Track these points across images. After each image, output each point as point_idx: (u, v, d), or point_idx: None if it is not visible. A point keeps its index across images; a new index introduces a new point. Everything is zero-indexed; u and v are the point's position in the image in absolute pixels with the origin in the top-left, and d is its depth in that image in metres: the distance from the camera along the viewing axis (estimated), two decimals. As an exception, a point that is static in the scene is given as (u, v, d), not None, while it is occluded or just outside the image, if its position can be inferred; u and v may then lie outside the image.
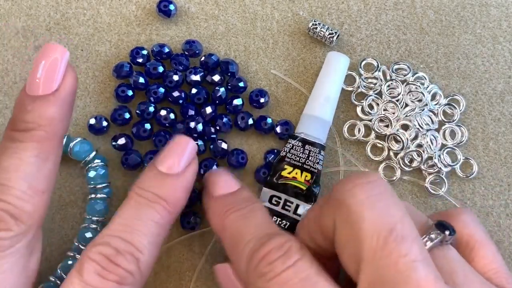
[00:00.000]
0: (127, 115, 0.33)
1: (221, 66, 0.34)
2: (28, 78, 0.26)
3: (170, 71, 0.33)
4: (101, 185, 0.32)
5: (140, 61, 0.34)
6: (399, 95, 0.34)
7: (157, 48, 0.34)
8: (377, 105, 0.35)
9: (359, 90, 0.35)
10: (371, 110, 0.35)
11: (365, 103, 0.34)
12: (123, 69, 0.33)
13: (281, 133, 0.34)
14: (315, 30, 0.35)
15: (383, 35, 0.36)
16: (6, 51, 0.35)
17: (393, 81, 0.34)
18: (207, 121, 0.33)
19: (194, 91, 0.33)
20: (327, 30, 0.34)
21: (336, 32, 0.34)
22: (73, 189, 0.34)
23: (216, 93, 0.33)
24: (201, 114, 0.33)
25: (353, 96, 0.35)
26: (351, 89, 0.35)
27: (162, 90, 0.33)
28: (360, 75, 0.35)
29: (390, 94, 0.34)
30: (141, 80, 0.33)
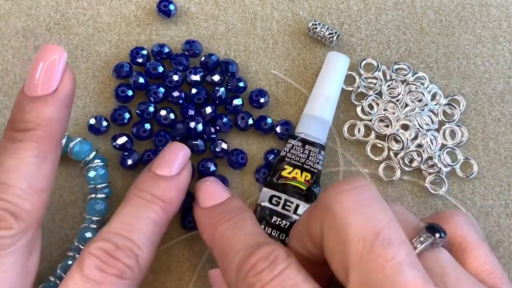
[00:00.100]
0: (127, 115, 0.33)
1: (221, 66, 0.34)
2: (27, 78, 0.26)
3: (170, 71, 0.33)
4: (101, 185, 0.32)
5: (140, 61, 0.34)
6: (399, 95, 0.34)
7: (157, 48, 0.34)
8: (377, 105, 0.35)
9: (359, 90, 0.35)
10: (371, 110, 0.35)
11: (365, 103, 0.34)
12: (123, 69, 0.33)
13: (281, 133, 0.34)
14: (315, 30, 0.35)
15: (383, 35, 0.36)
16: (6, 51, 0.35)
17: (393, 81, 0.34)
18: (207, 121, 0.33)
19: (194, 91, 0.33)
20: (327, 30, 0.34)
21: (336, 32, 0.34)
22: (73, 189, 0.34)
23: (216, 93, 0.33)
24: (201, 114, 0.33)
25: (353, 96, 0.35)
26: (351, 89, 0.35)
27: (162, 90, 0.33)
28: (360, 75, 0.35)
29: (390, 94, 0.34)
30: (141, 80, 0.33)
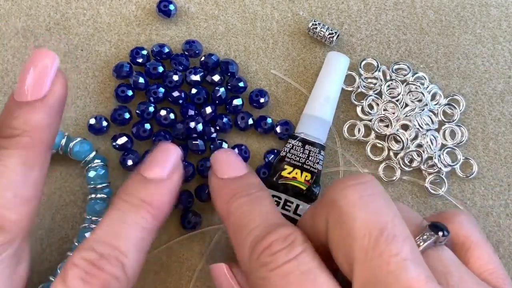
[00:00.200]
0: (127, 115, 0.33)
1: (221, 66, 0.34)
2: (17, 84, 0.25)
3: (170, 71, 0.33)
4: (101, 185, 0.32)
5: (140, 61, 0.34)
6: (399, 95, 0.34)
7: (157, 48, 0.34)
8: (377, 105, 0.35)
9: (359, 90, 0.35)
10: (371, 110, 0.34)
11: (365, 103, 0.34)
12: (123, 69, 0.33)
13: (281, 133, 0.34)
14: (315, 30, 0.35)
15: (383, 35, 0.36)
16: (6, 51, 0.35)
17: (393, 81, 0.34)
18: (207, 121, 0.33)
19: (194, 91, 0.33)
20: (327, 30, 0.34)
21: (336, 32, 0.34)
22: (73, 189, 0.34)
23: (216, 93, 0.33)
24: (201, 114, 0.33)
25: (353, 96, 0.35)
26: (351, 89, 0.35)
27: (162, 90, 0.33)
28: (360, 75, 0.35)
29: (390, 94, 0.34)
30: (141, 80, 0.33)
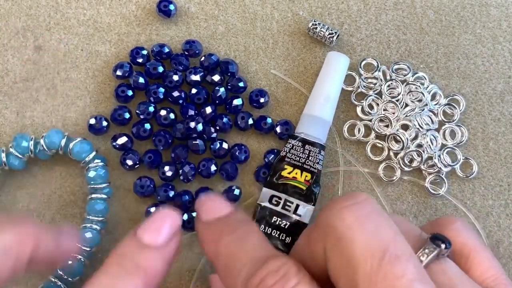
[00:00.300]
0: (127, 115, 0.33)
1: (221, 66, 0.34)
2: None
3: (170, 71, 0.33)
4: (101, 185, 0.32)
5: (140, 61, 0.34)
6: (399, 95, 0.34)
7: (157, 48, 0.34)
8: (377, 105, 0.35)
9: (359, 90, 0.35)
10: (371, 110, 0.34)
11: (365, 103, 0.34)
12: (123, 69, 0.33)
13: (281, 133, 0.34)
14: (315, 30, 0.35)
15: (383, 35, 0.36)
16: (6, 51, 0.35)
17: (393, 81, 0.34)
18: (207, 121, 0.33)
19: (194, 91, 0.33)
20: (327, 30, 0.34)
21: (336, 32, 0.34)
22: (73, 189, 0.34)
23: (216, 93, 0.33)
24: (201, 114, 0.33)
25: (353, 96, 0.35)
26: (351, 89, 0.35)
27: (162, 90, 0.33)
28: (360, 75, 0.35)
29: (390, 94, 0.34)
30: (141, 80, 0.33)
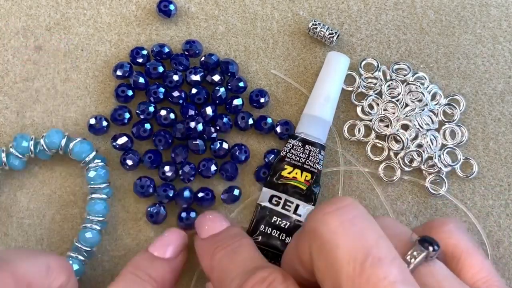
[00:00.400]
0: (127, 115, 0.33)
1: (221, 66, 0.34)
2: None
3: (170, 71, 0.33)
4: (101, 185, 0.32)
5: (140, 61, 0.34)
6: (399, 95, 0.34)
7: (157, 48, 0.34)
8: (377, 105, 0.35)
9: (359, 90, 0.35)
10: (371, 110, 0.34)
11: (365, 103, 0.34)
12: (123, 69, 0.33)
13: (281, 133, 0.34)
14: (315, 30, 0.35)
15: (383, 35, 0.36)
16: (6, 51, 0.35)
17: (393, 81, 0.34)
18: (207, 121, 0.33)
19: (194, 91, 0.33)
20: (327, 30, 0.34)
21: (336, 32, 0.34)
22: (73, 189, 0.34)
23: (216, 93, 0.33)
24: (201, 114, 0.33)
25: (353, 96, 0.35)
26: (351, 89, 0.35)
27: (162, 90, 0.33)
28: (360, 75, 0.35)
29: (390, 94, 0.34)
30: (141, 80, 0.33)
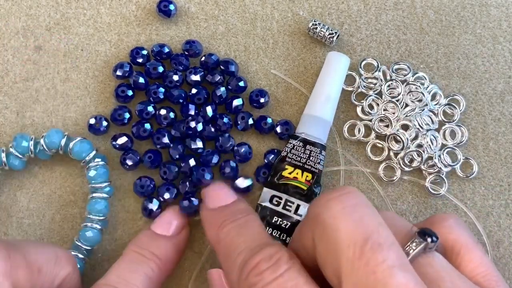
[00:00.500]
0: (127, 115, 0.33)
1: (221, 66, 0.34)
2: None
3: (170, 71, 0.33)
4: (102, 184, 0.32)
5: (140, 61, 0.34)
6: (399, 95, 0.34)
7: (157, 48, 0.34)
8: (377, 105, 0.35)
9: (359, 90, 0.35)
10: (371, 110, 0.34)
11: (365, 103, 0.34)
12: (123, 69, 0.33)
13: (281, 133, 0.34)
14: (315, 30, 0.35)
15: (383, 35, 0.36)
16: (6, 51, 0.35)
17: (393, 81, 0.34)
18: (207, 121, 0.33)
19: (194, 91, 0.33)
20: (327, 30, 0.34)
21: (336, 32, 0.34)
22: (73, 189, 0.34)
23: (216, 93, 0.33)
24: (201, 114, 0.33)
25: (353, 96, 0.35)
26: (351, 89, 0.35)
27: (162, 90, 0.33)
28: (360, 75, 0.35)
29: (390, 94, 0.34)
30: (141, 80, 0.33)
